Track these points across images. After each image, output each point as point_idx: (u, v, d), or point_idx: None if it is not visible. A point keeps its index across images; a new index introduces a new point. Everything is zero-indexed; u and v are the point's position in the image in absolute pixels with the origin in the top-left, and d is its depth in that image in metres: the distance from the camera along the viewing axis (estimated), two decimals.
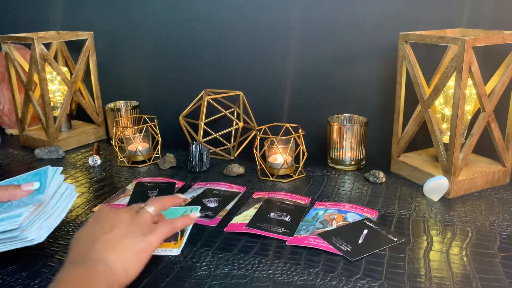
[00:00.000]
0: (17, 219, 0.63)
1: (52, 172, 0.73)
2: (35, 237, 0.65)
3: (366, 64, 1.06)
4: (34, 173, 0.74)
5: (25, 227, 0.64)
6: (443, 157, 0.86)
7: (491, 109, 0.85)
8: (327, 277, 0.62)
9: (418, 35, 0.86)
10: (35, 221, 0.66)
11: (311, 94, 1.12)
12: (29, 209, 0.65)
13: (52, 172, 0.74)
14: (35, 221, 0.66)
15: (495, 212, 0.80)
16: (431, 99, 0.87)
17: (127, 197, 0.88)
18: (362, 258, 0.67)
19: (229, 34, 1.15)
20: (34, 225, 0.65)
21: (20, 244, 0.65)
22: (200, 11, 1.16)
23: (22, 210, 0.64)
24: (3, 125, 1.35)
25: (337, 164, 1.01)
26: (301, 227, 0.76)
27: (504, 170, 0.90)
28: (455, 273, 0.62)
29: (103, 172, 1.03)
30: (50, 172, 0.73)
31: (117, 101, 1.24)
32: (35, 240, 0.65)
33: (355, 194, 0.89)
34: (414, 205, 0.83)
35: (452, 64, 0.80)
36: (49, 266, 0.67)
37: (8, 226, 0.63)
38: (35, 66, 1.11)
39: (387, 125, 1.03)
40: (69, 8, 1.32)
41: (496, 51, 0.92)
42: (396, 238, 0.71)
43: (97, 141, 1.26)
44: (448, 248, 0.69)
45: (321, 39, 1.08)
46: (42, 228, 0.66)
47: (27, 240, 0.65)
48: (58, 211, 0.70)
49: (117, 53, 1.30)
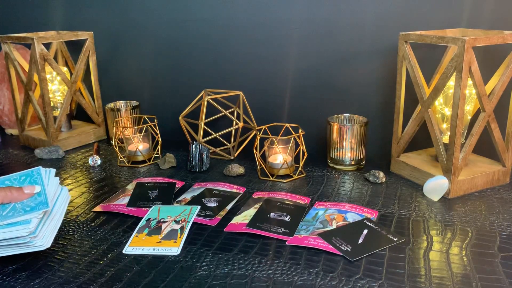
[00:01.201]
0: (28, 226, 0.63)
1: (47, 175, 0.73)
2: (43, 243, 0.65)
3: (366, 64, 1.06)
4: (24, 173, 0.72)
5: (34, 234, 0.64)
6: (443, 157, 0.86)
7: (491, 109, 0.85)
8: (327, 277, 0.62)
9: (418, 35, 0.86)
10: (42, 227, 0.66)
11: (311, 94, 1.12)
12: (38, 215, 0.65)
13: (46, 174, 0.73)
14: (43, 227, 0.66)
15: (495, 212, 0.80)
16: (431, 99, 0.87)
17: (127, 197, 0.88)
18: (362, 258, 0.67)
19: (229, 34, 1.15)
20: (41, 231, 0.65)
21: (27, 249, 0.65)
22: (200, 11, 1.16)
23: (31, 216, 0.64)
24: (3, 125, 1.35)
25: (337, 164, 1.01)
26: (301, 227, 0.76)
27: (504, 170, 0.90)
28: (455, 273, 0.62)
29: (103, 172, 1.03)
30: (44, 174, 0.72)
31: (117, 101, 1.24)
32: (42, 246, 0.65)
33: (355, 194, 0.89)
34: (414, 205, 0.83)
35: (452, 64, 0.80)
36: (49, 266, 0.67)
37: (19, 233, 0.63)
38: (35, 66, 1.11)
39: (387, 125, 1.03)
40: (69, 8, 1.32)
41: (496, 51, 0.92)
42: (396, 238, 0.71)
43: (97, 141, 1.26)
44: (448, 248, 0.69)
45: (321, 39, 1.08)
46: (49, 233, 0.67)
47: (35, 246, 0.65)
48: (58, 214, 0.70)
49: (117, 53, 1.30)
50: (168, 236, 0.73)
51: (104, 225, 0.79)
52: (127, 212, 0.82)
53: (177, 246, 0.70)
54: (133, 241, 0.73)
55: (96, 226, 0.79)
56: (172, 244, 0.71)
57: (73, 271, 0.66)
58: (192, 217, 0.78)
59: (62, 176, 1.01)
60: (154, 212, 0.81)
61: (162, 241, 0.72)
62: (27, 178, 0.71)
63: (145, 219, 0.79)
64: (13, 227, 0.63)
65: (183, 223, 0.77)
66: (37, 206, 0.66)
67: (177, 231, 0.74)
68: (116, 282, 0.63)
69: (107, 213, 0.83)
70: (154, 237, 0.73)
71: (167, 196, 0.88)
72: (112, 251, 0.70)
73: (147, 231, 0.75)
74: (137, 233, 0.75)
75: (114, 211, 0.83)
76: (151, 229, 0.76)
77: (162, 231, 0.75)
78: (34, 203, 0.67)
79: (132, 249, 0.71)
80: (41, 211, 0.65)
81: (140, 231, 0.75)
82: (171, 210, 0.81)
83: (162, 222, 0.78)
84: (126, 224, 0.79)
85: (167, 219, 0.79)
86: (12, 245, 0.65)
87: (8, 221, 0.64)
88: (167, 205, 0.84)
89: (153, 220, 0.78)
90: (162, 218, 0.79)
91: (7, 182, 0.71)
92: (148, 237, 0.73)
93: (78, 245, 0.73)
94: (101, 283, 0.63)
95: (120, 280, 0.63)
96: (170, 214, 0.80)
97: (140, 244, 0.72)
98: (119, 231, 0.76)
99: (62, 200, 0.73)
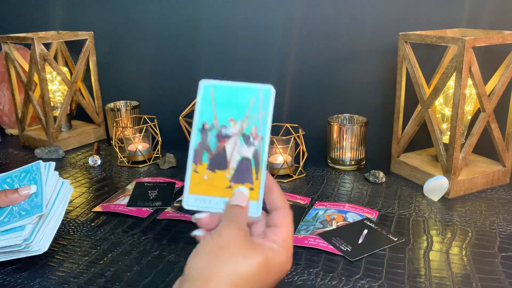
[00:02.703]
0: (21, 233, 0.63)
1: (46, 169, 0.71)
2: (39, 247, 0.65)
3: (366, 64, 1.06)
4: (24, 169, 0.71)
5: (29, 241, 0.64)
6: (443, 157, 0.86)
7: (491, 109, 0.85)
8: (327, 277, 0.62)
9: (418, 35, 0.86)
10: (38, 232, 0.65)
11: (311, 94, 1.12)
12: (32, 220, 0.64)
13: (45, 169, 0.71)
14: (38, 232, 0.66)
15: (495, 212, 0.80)
16: (431, 99, 0.87)
17: (127, 197, 0.88)
18: (362, 258, 0.67)
19: (229, 34, 1.15)
20: (37, 237, 0.65)
21: (24, 254, 0.65)
22: (200, 11, 1.16)
23: (25, 221, 0.64)
24: (3, 125, 1.35)
25: (337, 164, 1.01)
26: (301, 227, 0.76)
27: (504, 170, 0.90)
28: (455, 273, 0.62)
29: (103, 172, 1.03)
30: (43, 169, 0.70)
31: (117, 101, 1.24)
32: (39, 251, 0.65)
33: (355, 194, 0.89)
34: (414, 205, 0.83)
35: (452, 64, 0.80)
36: (49, 266, 0.67)
37: (12, 241, 0.63)
38: (35, 66, 1.11)
39: (387, 125, 1.02)
40: (69, 8, 1.32)
41: (496, 51, 0.92)
42: (396, 238, 0.71)
43: (97, 141, 1.26)
44: (448, 248, 0.69)
45: (321, 39, 1.08)
46: (45, 237, 0.67)
47: (32, 251, 0.65)
48: (57, 213, 0.70)
49: (117, 53, 1.30)
50: (239, 173, 0.46)
51: (104, 225, 0.79)
52: (127, 212, 0.82)
53: (256, 200, 0.46)
54: (192, 184, 0.46)
55: (96, 226, 0.79)
56: (249, 195, 0.45)
57: (73, 271, 0.66)
58: (266, 123, 0.47)
59: (62, 176, 1.01)
60: (207, 104, 0.48)
61: (233, 184, 0.46)
62: (27, 174, 0.70)
63: (198, 127, 0.47)
64: (7, 235, 0.63)
65: (256, 139, 0.47)
66: (32, 210, 0.65)
67: (249, 162, 0.46)
68: (116, 282, 0.63)
69: (107, 213, 0.83)
70: (219, 174, 0.46)
71: (167, 196, 0.88)
72: (112, 251, 0.70)
73: (207, 158, 0.47)
74: (195, 163, 0.47)
75: (114, 211, 0.83)
76: (213, 156, 0.47)
77: (229, 162, 0.47)
78: (30, 205, 0.66)
79: (195, 200, 0.46)
80: (35, 216, 0.64)
81: (197, 159, 0.47)
82: (231, 103, 0.47)
83: (224, 136, 0.47)
84: (126, 224, 0.79)
85: (230, 126, 0.47)
86: (8, 252, 0.65)
87: (1, 229, 0.63)
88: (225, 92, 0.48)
89: (210, 129, 0.47)
90: (223, 126, 0.47)
91: (9, 179, 0.71)
92: (212, 174, 0.46)
93: (78, 245, 0.73)
94: (101, 283, 0.63)
95: (120, 280, 0.63)
96: (232, 115, 0.47)
97: (203, 190, 0.46)
98: (119, 231, 0.76)
99: (63, 194, 0.72)
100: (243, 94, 0.47)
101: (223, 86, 0.47)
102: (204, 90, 0.48)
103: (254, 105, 0.46)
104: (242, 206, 0.45)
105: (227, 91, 0.47)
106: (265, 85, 0.47)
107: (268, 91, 0.47)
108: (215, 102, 0.47)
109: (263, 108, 0.46)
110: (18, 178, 0.70)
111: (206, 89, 0.47)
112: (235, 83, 0.47)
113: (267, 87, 0.47)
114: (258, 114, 0.46)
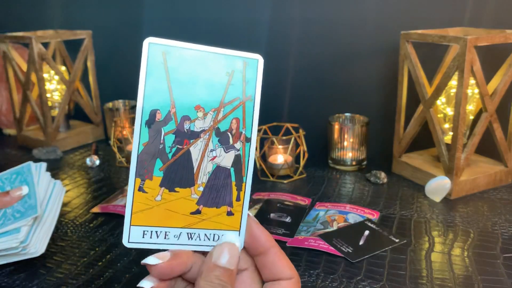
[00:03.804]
0: (17, 236, 0.62)
1: (37, 170, 0.69)
2: (36, 249, 0.65)
3: (367, 64, 1.05)
4: (15, 171, 0.70)
5: (26, 243, 0.63)
6: (445, 157, 0.85)
7: (493, 109, 0.84)
8: (328, 279, 0.62)
9: (419, 34, 0.86)
10: (34, 233, 0.65)
11: (312, 94, 1.12)
12: (27, 222, 0.63)
13: (36, 169, 0.69)
14: (34, 234, 0.65)
15: (497, 213, 0.79)
16: (432, 98, 0.86)
17: (125, 198, 0.87)
18: (363, 259, 0.66)
19: (228, 34, 1.15)
20: (33, 239, 0.64)
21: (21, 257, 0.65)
22: (200, 10, 1.16)
23: (20, 223, 0.63)
24: (1, 125, 1.34)
25: (338, 165, 1.01)
26: (302, 228, 0.75)
27: (506, 171, 0.90)
28: (457, 275, 0.62)
29: (102, 173, 1.02)
30: (34, 169, 0.69)
31: (116, 101, 1.23)
32: (36, 253, 0.65)
33: (356, 194, 0.88)
34: (415, 206, 0.83)
35: (454, 63, 0.79)
36: (47, 267, 0.66)
37: (9, 244, 0.62)
38: (33, 66, 1.10)
39: (389, 125, 1.02)
40: (67, 7, 1.31)
41: (498, 50, 0.92)
42: (397, 239, 0.71)
43: (96, 141, 1.25)
44: (450, 249, 0.68)
45: (321, 38, 1.07)
46: (41, 239, 0.66)
47: (29, 254, 0.64)
48: (52, 213, 0.69)
49: (116, 52, 1.29)
50: (212, 191, 0.32)
51: (103, 226, 0.78)
52: None
53: (235, 229, 0.33)
54: (138, 209, 0.34)
55: (95, 227, 0.78)
56: (226, 222, 0.33)
57: (71, 273, 0.65)
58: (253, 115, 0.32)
59: (60, 176, 1.00)
60: (158, 80, 0.33)
61: (202, 208, 0.33)
62: (18, 176, 0.69)
63: (144, 119, 0.32)
64: (2, 238, 0.62)
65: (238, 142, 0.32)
66: (27, 211, 0.64)
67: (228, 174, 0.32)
68: (114, 284, 0.62)
69: (106, 214, 0.82)
70: (181, 194, 0.33)
71: None
72: (111, 253, 0.70)
73: (159, 170, 0.32)
74: (140, 177, 0.33)
75: (112, 212, 0.82)
76: (170, 165, 0.32)
77: (196, 174, 0.32)
78: (24, 207, 0.65)
79: (143, 233, 0.33)
80: (30, 218, 0.63)
81: (144, 170, 0.33)
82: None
83: (188, 133, 0.32)
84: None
85: (197, 118, 0.32)
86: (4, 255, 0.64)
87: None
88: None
89: (164, 122, 0.32)
90: (186, 117, 0.32)
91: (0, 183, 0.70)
92: (168, 195, 0.33)
93: (76, 246, 0.72)
94: (100, 284, 0.62)
95: (118, 282, 0.62)
96: (199, 100, 0.32)
97: (155, 219, 0.33)
98: (118, 232, 0.76)
99: (56, 196, 0.71)
100: (217, 67, 0.30)
101: (183, 51, 0.30)
102: (151, 55, 0.31)
103: (234, 85, 0.30)
104: (231, 269, 0.30)
105: (191, 61, 0.31)
106: (250, 54, 0.31)
107: (255, 63, 0.31)
108: (170, 77, 0.31)
109: (248, 90, 0.30)
110: (9, 180, 0.69)
111: (154, 54, 0.31)
112: (203, 48, 0.31)
113: (253, 57, 0.31)
114: (240, 100, 0.30)
